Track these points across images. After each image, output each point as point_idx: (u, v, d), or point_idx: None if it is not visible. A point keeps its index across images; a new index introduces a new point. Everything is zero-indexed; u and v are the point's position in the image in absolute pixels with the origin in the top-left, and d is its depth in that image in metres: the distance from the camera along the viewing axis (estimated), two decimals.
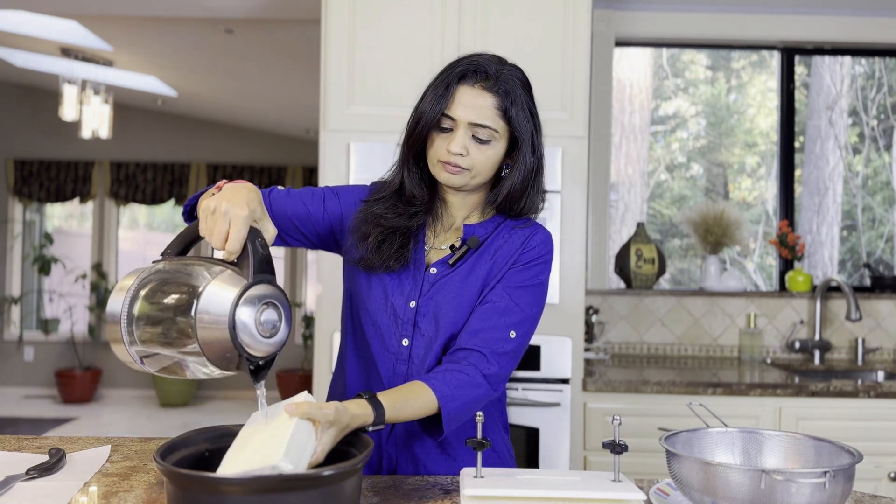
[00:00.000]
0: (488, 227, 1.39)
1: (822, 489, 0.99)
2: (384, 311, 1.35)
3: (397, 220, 1.35)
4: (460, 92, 1.29)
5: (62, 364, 6.91)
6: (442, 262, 1.36)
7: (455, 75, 1.29)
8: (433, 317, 1.33)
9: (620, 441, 1.13)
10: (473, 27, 2.49)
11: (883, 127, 4.19)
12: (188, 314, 1.00)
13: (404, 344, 1.34)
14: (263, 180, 7.09)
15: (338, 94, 2.49)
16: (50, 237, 6.88)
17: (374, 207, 1.38)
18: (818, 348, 3.13)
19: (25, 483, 1.20)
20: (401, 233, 1.35)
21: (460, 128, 1.29)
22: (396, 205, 1.37)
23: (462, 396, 1.24)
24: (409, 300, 1.34)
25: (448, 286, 1.34)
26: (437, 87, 1.31)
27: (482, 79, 1.29)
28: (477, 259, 1.36)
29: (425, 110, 1.30)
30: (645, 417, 2.50)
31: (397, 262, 1.34)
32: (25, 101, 6.97)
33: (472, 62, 1.31)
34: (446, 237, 1.40)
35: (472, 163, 1.30)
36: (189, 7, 3.82)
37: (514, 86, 1.31)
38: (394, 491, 1.21)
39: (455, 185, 1.33)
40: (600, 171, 3.31)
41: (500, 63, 1.33)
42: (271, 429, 1.02)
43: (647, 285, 3.24)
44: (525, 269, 1.35)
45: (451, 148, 1.28)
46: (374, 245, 1.34)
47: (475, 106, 1.28)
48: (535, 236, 1.37)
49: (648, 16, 3.34)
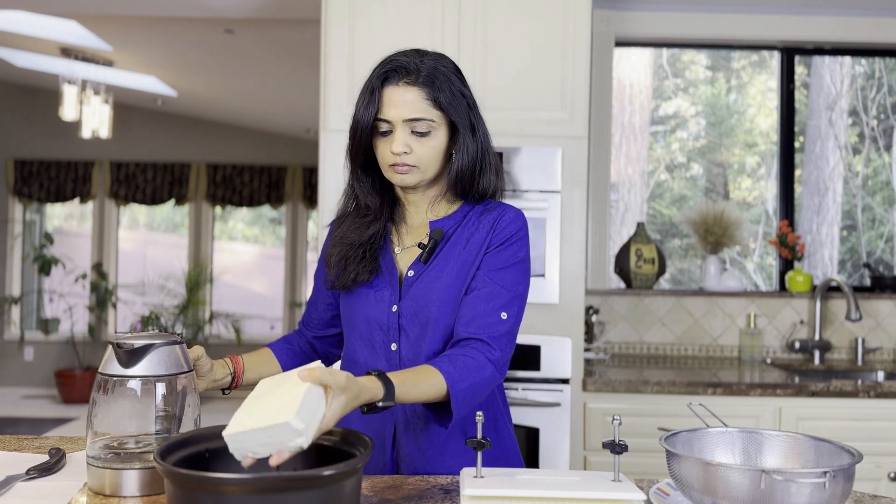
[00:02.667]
0: (456, 218, 1.40)
1: (822, 489, 0.99)
2: (369, 322, 1.38)
3: (355, 233, 1.39)
4: (387, 93, 1.31)
5: (62, 364, 6.91)
6: (416, 262, 1.37)
7: (377, 79, 1.31)
8: (416, 317, 1.34)
9: (620, 441, 1.13)
10: (473, 28, 2.49)
11: (883, 127, 4.18)
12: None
13: (393, 349, 1.36)
14: (263, 180, 7.10)
15: (338, 94, 2.49)
16: (50, 237, 6.88)
17: (338, 231, 1.43)
18: (818, 348, 3.13)
19: (25, 483, 1.20)
20: (360, 245, 1.38)
21: (397, 127, 1.31)
22: (355, 220, 1.41)
23: (469, 377, 1.24)
24: (391, 305, 1.36)
25: (426, 284, 1.35)
26: (363, 94, 1.33)
27: (404, 75, 1.31)
28: (449, 251, 1.36)
29: (358, 119, 1.32)
30: (645, 417, 2.50)
31: (366, 273, 1.36)
32: (25, 101, 6.97)
33: (390, 62, 1.32)
34: (414, 237, 1.41)
35: (419, 158, 1.32)
36: (189, 7, 3.82)
37: (436, 73, 1.32)
38: (394, 491, 1.21)
39: (410, 185, 1.35)
40: (600, 171, 3.31)
41: (420, 55, 1.34)
42: (282, 393, 1.03)
43: (647, 285, 3.24)
44: (502, 251, 1.35)
45: (393, 149, 1.31)
46: (338, 265, 1.38)
47: (404, 102, 1.30)
48: (504, 216, 1.37)
49: (648, 16, 3.34)
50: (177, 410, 1.20)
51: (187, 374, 1.22)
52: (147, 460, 1.16)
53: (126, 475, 1.14)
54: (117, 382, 1.17)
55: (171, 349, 1.20)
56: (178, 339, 1.22)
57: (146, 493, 1.15)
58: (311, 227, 7.31)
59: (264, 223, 7.98)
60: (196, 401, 1.23)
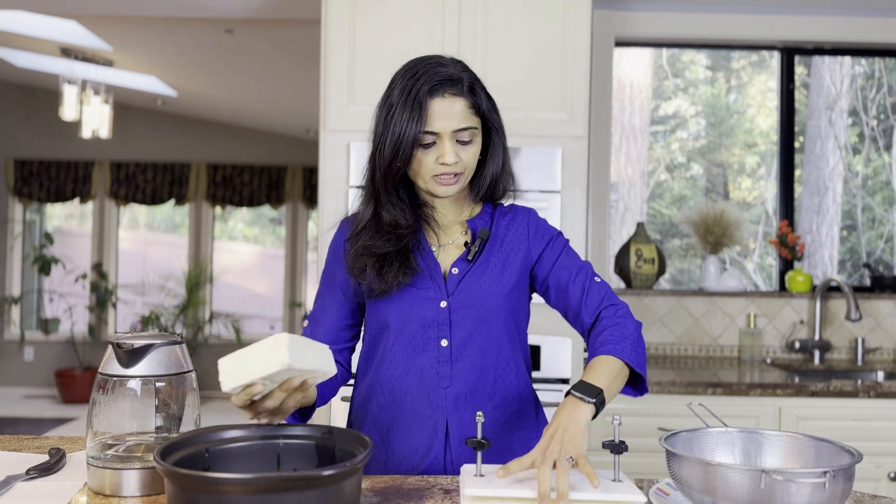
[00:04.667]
0: (485, 219, 1.45)
1: (822, 489, 0.99)
2: (417, 320, 1.37)
3: (386, 245, 1.36)
4: (435, 105, 1.30)
5: (62, 364, 6.91)
6: (460, 260, 1.40)
7: (425, 91, 1.30)
8: (468, 312, 1.37)
9: (620, 441, 1.13)
10: (474, 28, 2.49)
11: (883, 127, 4.18)
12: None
13: (444, 345, 1.37)
14: (263, 180, 7.10)
15: (338, 94, 2.49)
16: (50, 237, 6.88)
17: (360, 240, 1.39)
18: (818, 348, 3.13)
19: (25, 483, 1.20)
20: (397, 252, 1.37)
21: (445, 139, 1.31)
22: (379, 232, 1.38)
23: (629, 340, 1.30)
24: (439, 301, 1.37)
25: (474, 280, 1.38)
26: (405, 108, 1.29)
27: (449, 86, 1.31)
28: (489, 249, 1.41)
29: (402, 133, 1.29)
30: (645, 417, 2.50)
31: (406, 276, 1.35)
32: (25, 101, 6.97)
33: (435, 73, 1.31)
34: (448, 235, 1.43)
35: (464, 166, 1.34)
36: (189, 7, 3.82)
37: (474, 80, 1.35)
38: (394, 491, 1.21)
39: (452, 194, 1.37)
40: (600, 171, 3.31)
41: (454, 63, 1.35)
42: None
43: (647, 285, 3.24)
44: (553, 243, 1.43)
45: (445, 160, 1.30)
46: (374, 274, 1.36)
47: (453, 113, 1.30)
48: (531, 217, 1.45)
49: (648, 16, 3.34)
50: (177, 410, 1.20)
51: (187, 374, 1.22)
52: (147, 460, 1.16)
53: (126, 475, 1.14)
54: (117, 382, 1.17)
55: (171, 349, 1.20)
56: (178, 339, 1.22)
57: (146, 493, 1.15)
58: (311, 227, 7.31)
59: (264, 223, 7.98)
60: (196, 401, 1.24)
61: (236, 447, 1.10)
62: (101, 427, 1.18)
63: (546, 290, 1.44)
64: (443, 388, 1.36)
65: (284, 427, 1.14)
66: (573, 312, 1.40)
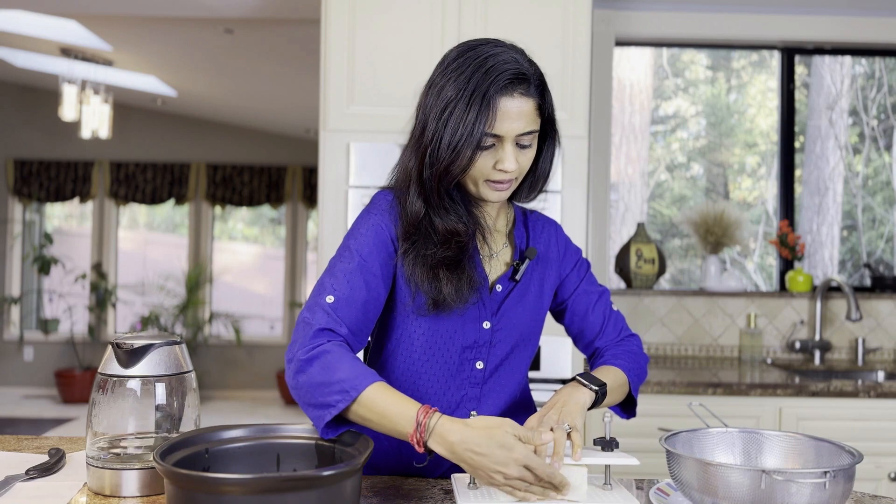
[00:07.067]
0: (520, 229, 1.34)
1: (822, 489, 0.99)
2: (454, 341, 1.25)
3: (447, 253, 1.20)
4: (503, 104, 1.12)
5: (62, 364, 6.91)
6: (503, 278, 1.28)
7: (492, 88, 1.12)
8: (508, 333, 1.28)
9: (611, 438, 1.14)
10: (474, 28, 2.49)
11: (883, 127, 4.18)
12: None
13: (479, 367, 1.27)
14: (263, 180, 7.10)
15: (338, 94, 2.49)
16: (50, 237, 6.88)
17: (419, 250, 1.21)
18: (818, 348, 3.13)
19: (25, 483, 1.19)
20: (461, 264, 1.21)
21: (507, 142, 1.15)
22: (437, 236, 1.21)
23: (637, 366, 1.34)
24: (482, 322, 1.26)
25: (516, 301, 1.29)
26: (468, 106, 1.11)
27: (520, 83, 1.14)
28: (530, 267, 1.32)
29: (464, 133, 1.12)
30: (645, 417, 2.50)
31: (470, 292, 1.22)
32: (25, 101, 6.97)
33: (503, 69, 1.13)
34: (494, 242, 1.31)
35: (521, 171, 1.20)
36: (189, 7, 3.82)
37: (540, 76, 1.19)
38: (394, 491, 1.20)
39: (503, 199, 1.23)
40: (600, 171, 3.31)
41: (523, 55, 1.19)
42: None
43: (648, 285, 3.24)
44: (578, 268, 1.39)
45: (505, 167, 1.15)
46: (450, 287, 1.19)
47: (521, 115, 1.14)
48: (559, 234, 1.39)
49: (648, 16, 3.33)
50: (176, 410, 1.20)
51: (187, 374, 1.22)
52: (147, 460, 1.16)
53: (126, 475, 1.14)
54: (117, 382, 1.17)
55: (170, 349, 1.20)
56: (178, 339, 1.22)
57: (146, 493, 1.15)
58: (311, 227, 7.31)
59: (264, 223, 7.97)
60: (196, 401, 1.24)
61: (236, 447, 1.10)
62: (100, 427, 1.18)
63: (562, 311, 1.39)
64: (468, 410, 1.28)
65: (284, 427, 1.14)
66: (588, 338, 1.39)
